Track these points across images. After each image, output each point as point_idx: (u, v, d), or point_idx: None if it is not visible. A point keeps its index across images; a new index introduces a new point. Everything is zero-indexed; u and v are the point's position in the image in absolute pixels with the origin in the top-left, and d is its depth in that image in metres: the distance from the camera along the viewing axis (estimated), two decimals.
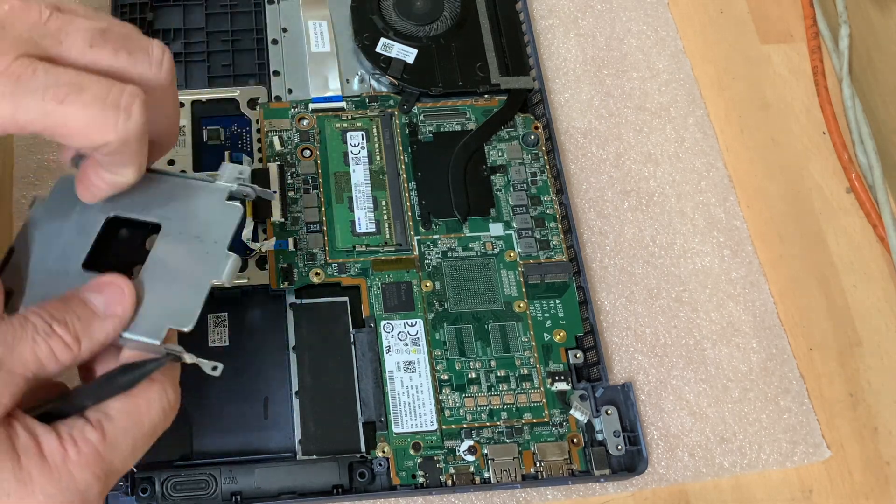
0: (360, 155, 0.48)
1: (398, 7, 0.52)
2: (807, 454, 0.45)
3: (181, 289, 0.35)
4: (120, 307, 0.33)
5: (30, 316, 0.31)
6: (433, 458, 0.42)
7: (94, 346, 0.32)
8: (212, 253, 0.36)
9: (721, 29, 0.57)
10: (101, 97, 0.31)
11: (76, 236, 0.36)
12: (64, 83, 0.30)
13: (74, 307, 0.32)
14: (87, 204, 0.36)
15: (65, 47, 0.32)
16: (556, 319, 0.45)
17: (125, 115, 0.31)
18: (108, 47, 0.32)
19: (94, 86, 0.31)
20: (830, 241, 0.51)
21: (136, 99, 0.31)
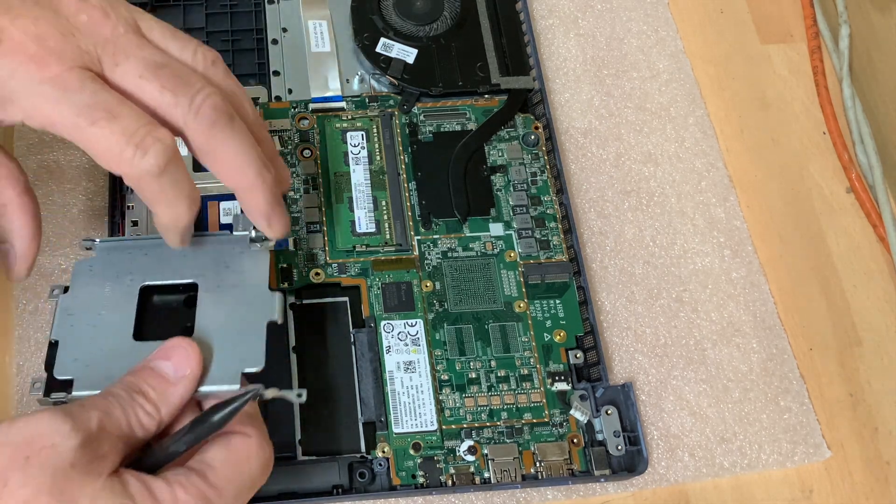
0: (360, 155, 0.48)
1: (398, 7, 0.52)
2: (807, 454, 0.45)
3: (241, 335, 0.37)
4: (188, 368, 0.34)
5: (113, 389, 0.33)
6: (433, 458, 0.42)
7: (172, 410, 0.34)
8: (257, 297, 0.38)
9: (721, 29, 0.57)
10: (128, 132, 0.32)
11: (115, 313, 0.38)
12: (102, 107, 0.32)
13: (148, 378, 0.34)
14: (116, 280, 0.38)
15: (119, 71, 0.34)
16: (556, 319, 0.45)
17: (140, 154, 0.32)
18: (155, 83, 0.33)
19: (127, 119, 0.32)
20: (830, 241, 0.51)
21: (158, 143, 0.33)
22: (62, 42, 0.33)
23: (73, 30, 0.33)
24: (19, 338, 0.44)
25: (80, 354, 0.37)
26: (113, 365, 0.36)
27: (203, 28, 0.51)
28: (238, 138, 0.35)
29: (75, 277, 0.38)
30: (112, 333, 0.37)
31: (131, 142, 0.32)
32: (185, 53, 0.35)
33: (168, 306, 0.39)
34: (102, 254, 0.39)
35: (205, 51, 0.36)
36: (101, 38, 0.33)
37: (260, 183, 0.36)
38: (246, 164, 0.35)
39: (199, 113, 0.34)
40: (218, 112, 0.34)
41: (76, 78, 0.32)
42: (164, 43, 0.35)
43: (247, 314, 0.37)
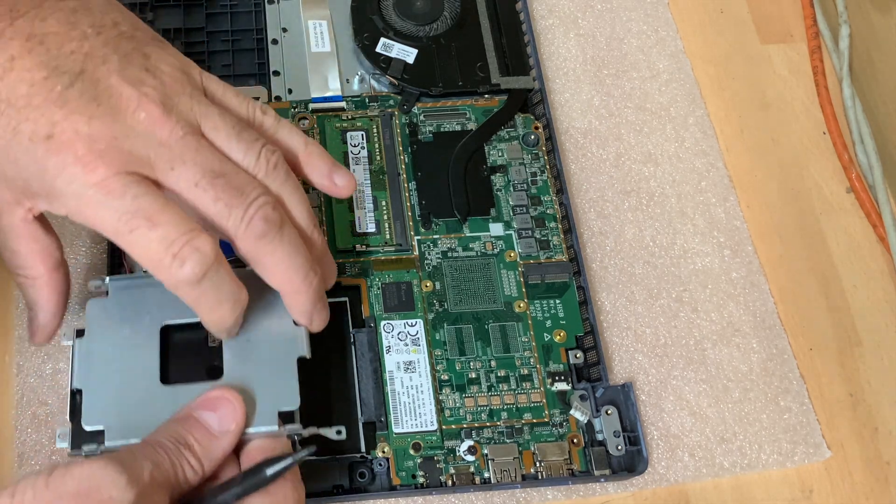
0: (360, 155, 0.48)
1: (398, 7, 0.52)
2: (807, 454, 0.45)
3: (272, 373, 0.36)
4: (234, 423, 0.34)
5: (159, 439, 0.33)
6: (433, 458, 0.42)
7: (215, 464, 0.34)
8: (283, 332, 0.37)
9: (721, 29, 0.57)
10: (167, 241, 0.32)
11: (138, 355, 0.37)
12: (142, 214, 0.32)
13: (192, 429, 0.34)
14: (134, 320, 0.37)
15: (174, 175, 0.33)
16: (556, 319, 0.45)
17: (178, 263, 0.32)
18: (210, 193, 0.33)
19: (167, 226, 0.32)
20: (830, 241, 0.51)
21: (196, 253, 0.32)
22: (113, 145, 0.32)
23: (129, 131, 0.32)
24: (19, 338, 0.44)
25: (106, 402, 0.36)
26: (143, 412, 0.35)
27: (203, 28, 0.51)
28: (286, 247, 0.35)
29: (90, 320, 0.37)
30: (138, 378, 0.36)
31: (169, 251, 0.32)
32: (249, 157, 0.35)
33: (191, 345, 0.38)
34: (116, 293, 0.38)
35: (268, 154, 0.35)
36: (156, 141, 0.33)
37: (305, 288, 0.36)
38: (292, 271, 0.35)
39: (249, 224, 0.34)
40: (269, 223, 0.34)
41: (120, 183, 0.32)
42: (227, 144, 0.35)
43: (275, 351, 0.37)
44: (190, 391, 0.35)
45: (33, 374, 0.43)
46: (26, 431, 0.42)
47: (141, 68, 0.34)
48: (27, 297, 0.37)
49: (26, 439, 0.42)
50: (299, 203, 0.36)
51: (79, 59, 0.33)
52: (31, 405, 0.42)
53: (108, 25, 0.34)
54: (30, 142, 0.32)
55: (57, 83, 0.32)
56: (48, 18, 0.33)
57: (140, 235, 0.32)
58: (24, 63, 0.32)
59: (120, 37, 0.34)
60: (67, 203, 0.33)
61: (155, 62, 0.34)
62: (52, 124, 0.32)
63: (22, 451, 0.41)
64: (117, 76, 0.33)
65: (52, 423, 0.42)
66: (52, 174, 0.32)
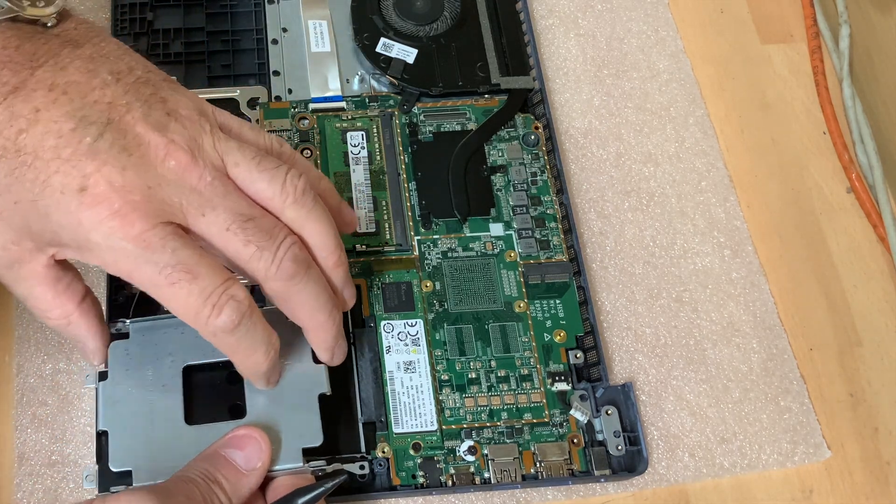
0: (360, 155, 0.48)
1: (398, 7, 0.52)
2: (807, 454, 0.45)
3: (295, 411, 0.37)
4: (260, 461, 0.36)
5: (190, 475, 0.34)
6: (433, 458, 0.42)
7: (242, 500, 0.35)
8: (303, 370, 0.38)
9: (721, 29, 0.57)
10: (206, 293, 0.32)
11: (162, 396, 0.37)
12: (182, 267, 0.32)
13: (221, 467, 0.35)
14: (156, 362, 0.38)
15: (205, 221, 0.33)
16: (556, 319, 0.45)
17: (216, 314, 0.33)
18: (241, 237, 0.33)
19: (205, 278, 0.32)
20: (830, 241, 0.51)
21: (232, 301, 0.33)
22: (147, 196, 0.32)
23: (160, 179, 0.32)
24: (19, 338, 0.44)
25: (133, 443, 0.36)
26: (169, 452, 0.36)
27: (203, 28, 0.51)
28: (312, 286, 0.35)
29: (113, 362, 0.38)
30: (163, 419, 0.37)
31: (208, 303, 0.32)
32: (274, 185, 0.35)
33: (213, 385, 0.39)
34: (137, 335, 0.39)
35: (294, 180, 0.35)
36: (186, 188, 0.33)
37: (330, 324, 0.37)
38: (318, 309, 0.36)
39: (280, 267, 0.34)
40: (297, 264, 0.34)
41: (159, 237, 0.32)
42: (250, 177, 0.34)
43: (296, 389, 0.38)
44: (214, 430, 0.36)
45: (33, 374, 0.43)
46: (26, 431, 0.42)
47: (163, 113, 0.33)
48: (67, 336, 0.37)
49: (26, 439, 0.42)
50: (328, 229, 0.36)
51: (103, 108, 0.32)
52: (31, 405, 0.42)
53: (125, 71, 0.34)
54: (61, 195, 0.31)
55: (86, 134, 0.32)
56: (68, 67, 0.33)
57: (180, 288, 0.32)
58: (49, 114, 0.32)
59: (137, 82, 0.34)
60: (103, 256, 0.32)
61: (173, 105, 0.34)
62: (84, 177, 0.31)
63: (22, 451, 0.41)
64: (143, 124, 0.33)
65: (52, 423, 0.42)
66: (86, 227, 0.32)
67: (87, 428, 0.42)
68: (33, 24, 0.33)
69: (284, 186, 0.35)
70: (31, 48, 0.33)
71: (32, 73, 0.32)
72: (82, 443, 0.42)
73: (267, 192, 0.35)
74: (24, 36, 0.33)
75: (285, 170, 0.35)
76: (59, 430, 0.42)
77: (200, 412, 0.38)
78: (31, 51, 0.33)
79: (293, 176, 0.35)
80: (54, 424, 0.42)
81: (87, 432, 0.42)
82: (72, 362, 0.43)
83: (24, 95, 0.32)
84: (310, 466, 0.37)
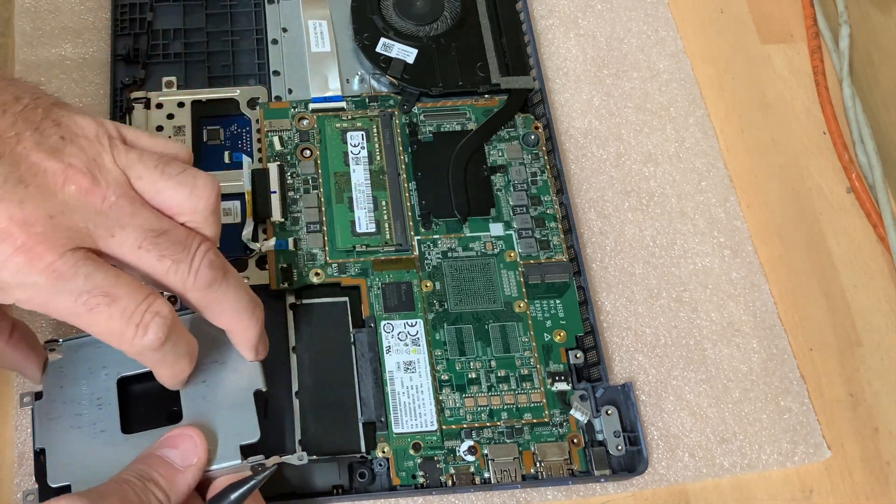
0: (360, 155, 0.48)
1: (398, 7, 0.52)
2: (807, 454, 0.45)
3: (231, 409, 0.38)
4: (195, 457, 0.35)
5: (126, 476, 0.34)
6: (433, 458, 0.42)
7: (181, 497, 0.35)
8: (237, 369, 0.38)
9: (721, 29, 0.57)
10: (127, 313, 0.32)
11: (97, 410, 0.38)
12: (98, 291, 0.31)
13: (157, 465, 0.35)
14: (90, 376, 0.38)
15: (115, 242, 0.32)
16: (556, 319, 0.45)
17: (141, 333, 0.32)
18: (154, 253, 0.33)
19: (125, 299, 0.32)
20: (830, 241, 0.51)
21: (157, 318, 0.32)
22: (51, 225, 0.31)
23: (62, 206, 0.31)
24: None
25: (70, 458, 0.37)
26: (107, 462, 0.36)
27: (203, 28, 0.51)
28: (232, 291, 0.35)
29: (47, 381, 0.38)
30: (99, 431, 0.37)
31: (131, 323, 0.32)
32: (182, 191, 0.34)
33: (149, 393, 0.39)
34: (70, 353, 0.39)
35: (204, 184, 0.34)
36: (91, 211, 0.32)
37: (253, 324, 0.37)
38: (241, 310, 0.36)
39: (197, 276, 0.34)
40: (215, 270, 0.34)
41: (69, 264, 0.31)
42: (156, 188, 0.33)
43: (232, 387, 0.38)
44: (152, 437, 0.37)
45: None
46: (26, 432, 0.42)
47: (57, 137, 0.32)
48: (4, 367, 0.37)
49: (26, 439, 0.41)
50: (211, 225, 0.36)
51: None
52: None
53: (11, 101, 0.32)
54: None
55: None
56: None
57: (99, 313, 0.31)
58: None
59: (25, 110, 0.32)
60: (15, 294, 0.31)
61: (67, 127, 0.33)
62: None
63: (22, 451, 0.41)
64: (37, 152, 0.31)
65: None
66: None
67: None
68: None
69: (193, 192, 0.34)
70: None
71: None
72: None
73: (175, 199, 0.34)
74: None
75: (192, 174, 0.34)
76: None
77: (137, 421, 0.38)
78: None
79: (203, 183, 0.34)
80: None
81: None
82: None
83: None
84: (248, 462, 0.37)
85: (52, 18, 0.52)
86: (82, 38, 0.52)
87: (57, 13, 0.52)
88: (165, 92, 0.49)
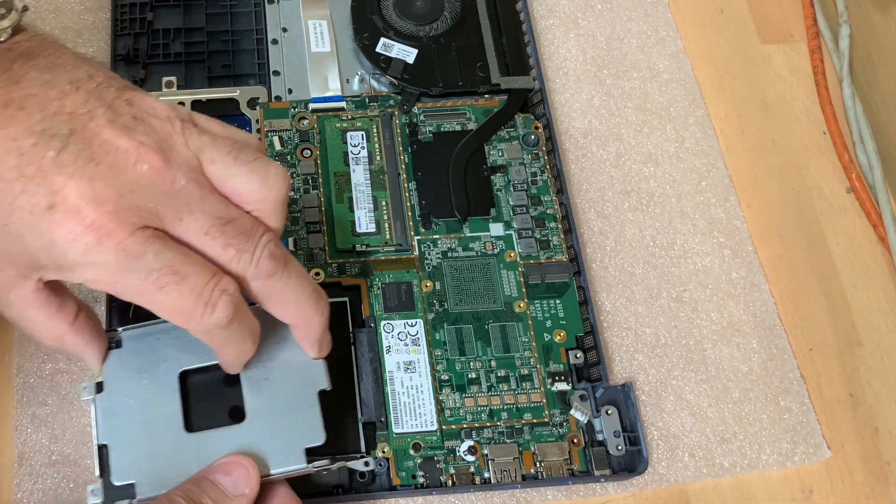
0: (360, 155, 0.48)
1: (398, 7, 0.52)
2: (807, 454, 0.45)
3: (295, 410, 0.37)
4: (247, 487, 0.35)
5: (175, 497, 0.33)
6: (433, 458, 0.42)
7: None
8: (302, 367, 0.38)
9: (721, 29, 0.57)
10: (196, 291, 0.32)
11: (160, 405, 0.37)
12: (168, 269, 0.31)
13: (207, 489, 0.34)
14: (151, 370, 0.37)
15: (182, 225, 0.32)
16: (556, 319, 0.45)
17: (210, 311, 0.32)
18: (220, 241, 0.32)
19: (193, 277, 0.32)
20: (830, 241, 0.51)
21: (225, 296, 0.32)
22: (120, 205, 0.30)
23: (133, 185, 0.31)
24: (19, 338, 0.44)
25: (134, 456, 0.36)
26: (170, 462, 0.36)
27: (203, 28, 0.51)
28: (293, 281, 0.35)
29: (108, 374, 0.37)
30: (162, 428, 0.37)
31: (200, 301, 0.32)
32: (254, 178, 0.34)
33: (210, 389, 0.38)
34: (130, 344, 0.38)
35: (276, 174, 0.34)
36: (160, 192, 0.31)
37: (318, 317, 0.36)
38: (302, 301, 0.35)
39: (258, 265, 0.33)
40: (275, 260, 0.34)
41: (138, 243, 0.31)
42: (228, 173, 0.33)
43: (295, 387, 0.38)
44: (215, 437, 0.36)
45: (33, 374, 0.43)
46: (26, 431, 0.42)
47: (129, 116, 0.32)
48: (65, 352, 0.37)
49: (26, 439, 0.42)
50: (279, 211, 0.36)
51: (64, 119, 0.31)
52: (31, 405, 0.42)
53: (85, 79, 0.32)
54: (30, 216, 0.30)
55: (48, 149, 0.30)
56: (22, 80, 0.31)
57: (169, 291, 0.31)
58: (7, 132, 0.30)
59: (99, 87, 0.32)
60: (84, 273, 0.31)
61: (139, 105, 0.33)
62: (52, 193, 0.30)
63: (22, 451, 0.41)
64: (109, 129, 0.31)
65: (51, 423, 0.42)
66: (61, 247, 0.30)
67: (86, 428, 0.42)
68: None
69: (266, 180, 0.34)
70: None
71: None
72: (82, 443, 0.42)
73: (246, 186, 0.33)
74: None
75: (265, 162, 0.34)
76: (58, 430, 0.42)
77: (200, 418, 0.37)
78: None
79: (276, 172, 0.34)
80: (54, 424, 0.42)
81: (87, 432, 0.42)
82: (72, 362, 0.43)
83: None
84: (314, 467, 0.36)
85: (53, 18, 0.52)
86: (82, 38, 0.52)
87: (57, 13, 0.52)
88: (165, 92, 0.49)
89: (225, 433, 0.36)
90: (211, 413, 0.38)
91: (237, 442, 0.37)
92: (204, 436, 0.36)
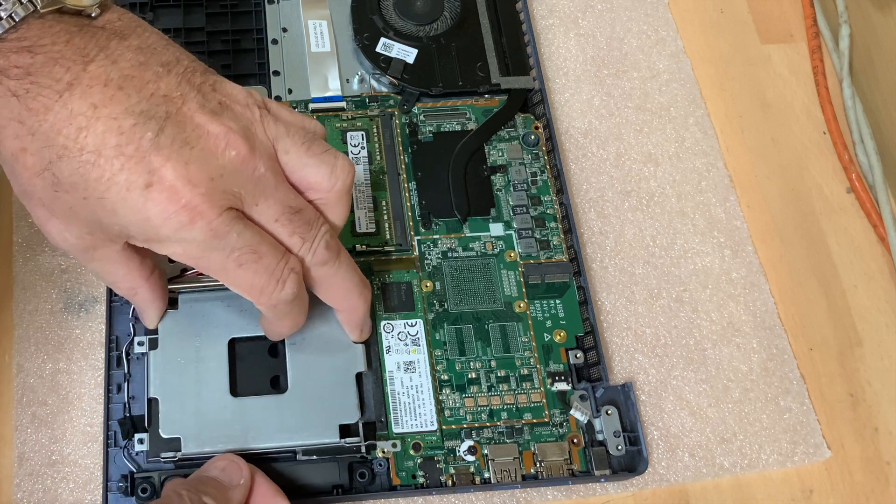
0: (360, 155, 0.48)
1: (398, 7, 0.52)
2: (807, 454, 0.45)
3: (333, 388, 0.40)
4: (241, 478, 0.38)
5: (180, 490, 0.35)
6: (433, 458, 0.42)
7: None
8: (341, 348, 0.41)
9: (721, 29, 0.57)
10: (270, 269, 0.34)
11: (209, 368, 0.40)
12: (248, 249, 0.34)
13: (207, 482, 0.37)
14: (203, 333, 0.40)
15: (257, 210, 0.34)
16: (556, 319, 0.45)
17: (280, 287, 0.35)
18: (288, 228, 0.35)
19: (269, 256, 0.34)
20: (830, 241, 0.51)
21: (293, 274, 0.35)
22: (211, 188, 0.32)
23: (221, 170, 0.33)
24: (19, 338, 0.44)
25: (182, 412, 0.39)
26: (215, 422, 0.39)
27: (203, 28, 0.51)
28: (343, 271, 0.37)
29: (164, 333, 0.40)
30: (209, 389, 0.39)
31: (272, 278, 0.35)
32: (324, 169, 0.36)
33: (255, 358, 0.41)
34: (185, 307, 0.41)
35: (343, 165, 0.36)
36: (244, 177, 0.33)
37: (362, 304, 0.39)
38: (349, 290, 0.39)
39: (315, 254, 0.36)
40: (330, 251, 0.36)
41: (225, 224, 0.33)
42: (300, 163, 0.35)
43: (335, 366, 0.40)
44: (257, 403, 0.39)
45: (33, 374, 0.43)
46: (26, 431, 0.42)
47: (216, 101, 0.34)
48: (133, 303, 0.39)
49: (26, 439, 0.42)
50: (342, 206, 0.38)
51: (160, 101, 0.32)
52: (31, 405, 0.42)
53: (174, 62, 0.33)
54: (127, 192, 0.32)
55: (146, 130, 0.31)
56: (119, 61, 0.32)
57: (247, 269, 0.34)
58: (108, 111, 0.31)
59: (187, 71, 0.34)
60: (172, 248, 0.33)
61: (223, 90, 0.34)
62: (149, 173, 0.31)
63: (22, 451, 0.41)
64: (200, 114, 0.33)
65: (51, 423, 0.42)
66: (155, 223, 0.32)
67: (86, 428, 0.42)
68: (77, 15, 0.32)
69: (333, 173, 0.36)
70: (80, 42, 0.32)
71: (85, 69, 0.31)
72: (82, 443, 0.42)
73: (315, 177, 0.36)
74: (71, 30, 0.32)
75: (334, 153, 0.36)
76: (59, 430, 0.42)
77: (244, 384, 0.40)
78: (80, 45, 0.32)
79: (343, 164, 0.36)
80: (54, 424, 0.42)
81: (87, 432, 0.42)
82: (72, 362, 0.43)
83: (81, 92, 0.31)
84: (345, 443, 0.39)
85: None
86: None
87: None
88: None
89: (266, 401, 0.39)
90: (254, 381, 0.40)
91: (277, 410, 0.39)
92: (247, 401, 0.39)
